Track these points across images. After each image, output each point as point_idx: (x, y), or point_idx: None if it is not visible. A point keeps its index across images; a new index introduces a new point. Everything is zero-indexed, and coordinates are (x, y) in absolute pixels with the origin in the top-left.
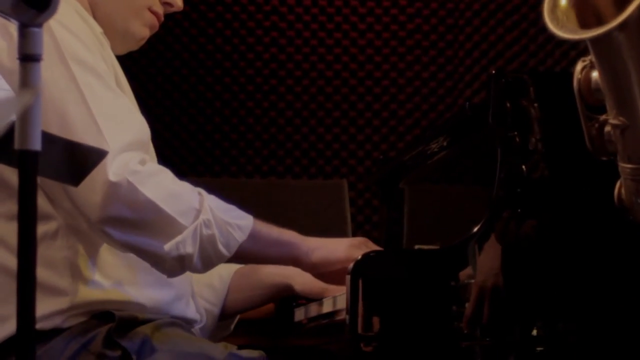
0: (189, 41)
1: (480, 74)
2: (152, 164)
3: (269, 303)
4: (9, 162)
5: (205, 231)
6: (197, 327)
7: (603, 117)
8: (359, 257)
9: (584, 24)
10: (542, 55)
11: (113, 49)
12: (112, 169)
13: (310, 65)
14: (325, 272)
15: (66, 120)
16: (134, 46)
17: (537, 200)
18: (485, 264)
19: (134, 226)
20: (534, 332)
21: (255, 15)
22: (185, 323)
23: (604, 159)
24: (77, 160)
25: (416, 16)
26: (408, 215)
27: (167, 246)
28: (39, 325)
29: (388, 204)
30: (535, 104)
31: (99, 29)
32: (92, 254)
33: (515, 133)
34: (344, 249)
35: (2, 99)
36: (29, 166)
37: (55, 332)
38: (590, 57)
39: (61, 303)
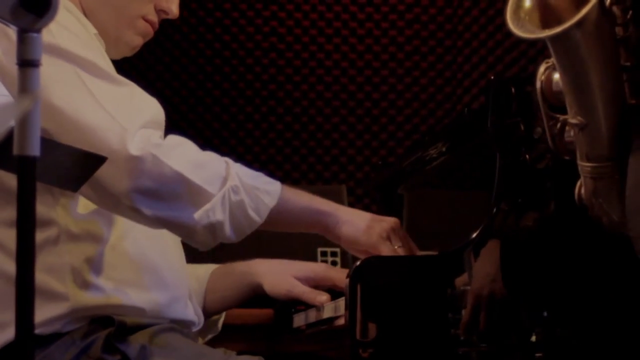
0: (188, 46)
1: (479, 80)
2: (174, 136)
3: (243, 302)
4: (8, 168)
5: (234, 197)
6: (195, 330)
7: (562, 117)
8: (358, 262)
9: (546, 25)
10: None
11: (107, 53)
12: (134, 145)
13: (309, 70)
14: (345, 246)
15: (76, 115)
16: (127, 53)
17: (540, 191)
18: (481, 270)
19: (162, 198)
20: (533, 338)
21: (255, 20)
22: (183, 326)
23: (567, 158)
24: (76, 165)
25: (415, 22)
26: (407, 221)
27: (197, 215)
28: (38, 330)
29: (387, 209)
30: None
31: (93, 30)
32: (96, 257)
33: (519, 119)
34: (373, 235)
35: (0, 105)
36: (27, 171)
37: (54, 336)
38: (553, 59)
39: (61, 308)
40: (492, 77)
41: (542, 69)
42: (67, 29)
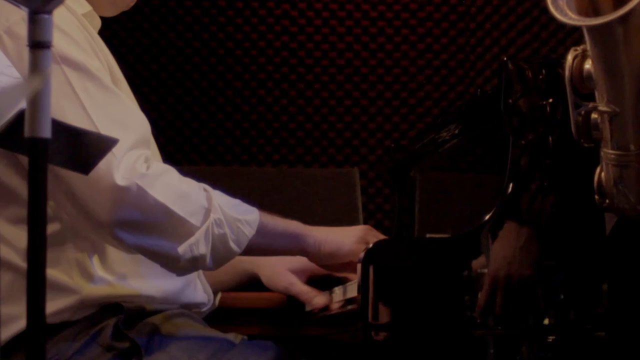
0: (200, 30)
1: (492, 62)
2: (157, 163)
3: (238, 287)
4: (19, 150)
5: (217, 230)
6: (205, 309)
7: (591, 104)
8: (370, 244)
9: (583, 12)
10: (554, 43)
11: (103, 11)
12: (120, 173)
13: (322, 53)
14: (328, 263)
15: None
16: (124, 6)
17: (563, 172)
18: (498, 253)
19: (145, 229)
20: (546, 321)
21: (267, 3)
22: (194, 308)
23: (586, 145)
24: (86, 148)
25: (427, 4)
26: (419, 204)
27: (181, 249)
28: (48, 320)
29: (399, 192)
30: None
31: (80, 10)
32: (97, 252)
33: (550, 101)
34: (351, 243)
35: (12, 85)
36: (39, 154)
37: (63, 325)
38: (583, 47)
39: (70, 300)
40: (505, 59)
41: (570, 56)
42: (59, 28)
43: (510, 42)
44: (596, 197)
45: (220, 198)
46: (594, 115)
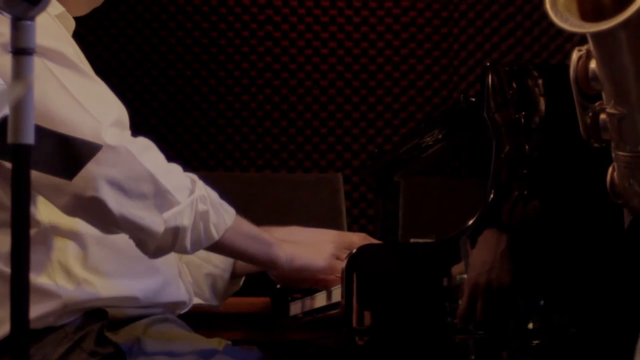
0: (184, 35)
1: (475, 67)
2: (144, 138)
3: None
4: (2, 156)
5: (201, 206)
6: (186, 309)
7: (597, 105)
8: (354, 250)
9: (584, 15)
10: (537, 48)
11: (76, 10)
12: (108, 136)
13: (305, 58)
14: (295, 278)
15: (49, 107)
16: (97, 2)
17: (541, 181)
18: (478, 259)
19: (129, 194)
20: (530, 326)
21: (250, 9)
22: (176, 307)
23: (596, 145)
24: (70, 153)
25: (410, 9)
26: (403, 209)
27: (166, 214)
28: (31, 325)
29: (383, 197)
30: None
31: (53, 12)
32: (83, 252)
33: (523, 114)
34: (325, 259)
35: None
36: (22, 160)
37: (47, 330)
38: (587, 47)
39: (54, 304)
40: (488, 64)
41: (575, 56)
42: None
43: (493, 47)
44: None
45: (203, 184)
46: (602, 116)
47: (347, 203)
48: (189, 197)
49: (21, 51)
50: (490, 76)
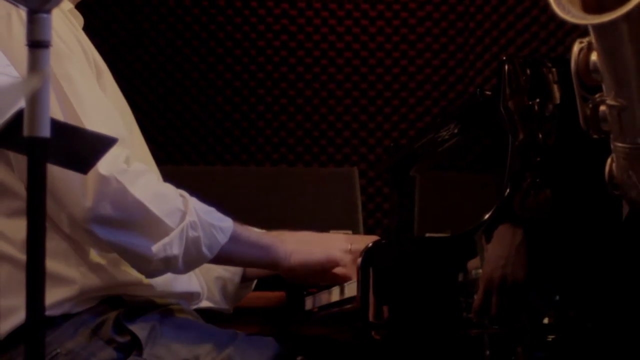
0: (199, 29)
1: (491, 61)
2: (137, 163)
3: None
4: (18, 149)
5: (191, 233)
6: (201, 303)
7: (598, 97)
8: (370, 243)
9: (587, 7)
10: (553, 42)
11: None
12: (101, 164)
13: (321, 52)
14: (298, 274)
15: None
16: None
17: (555, 171)
18: (494, 253)
19: (121, 226)
20: (545, 321)
21: (266, 2)
22: (191, 298)
23: (595, 137)
24: (86, 147)
25: (427, 3)
26: (419, 203)
27: (155, 247)
28: (48, 313)
29: (399, 191)
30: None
31: (67, 6)
32: None
33: (537, 101)
34: (322, 249)
35: (10, 84)
36: (38, 153)
37: (64, 317)
38: (588, 39)
39: (70, 291)
40: (504, 58)
41: (576, 48)
42: None
43: (509, 42)
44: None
45: (196, 204)
46: (602, 108)
47: (363, 197)
48: (180, 225)
49: (37, 44)
50: (506, 70)
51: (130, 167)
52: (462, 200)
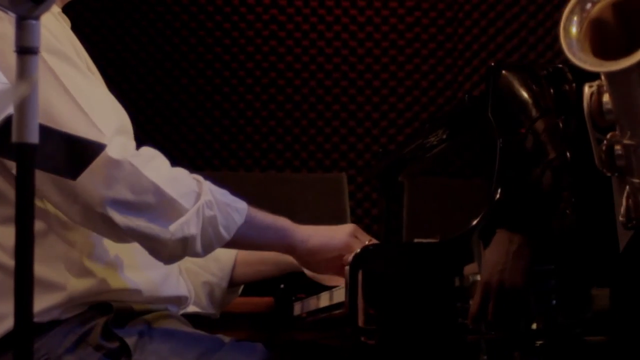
0: (188, 34)
1: (480, 67)
2: (148, 148)
3: (277, 276)
4: (7, 156)
5: (207, 212)
6: (188, 307)
7: (610, 136)
8: (358, 249)
9: (595, 52)
10: (542, 48)
11: None
12: (112, 149)
13: (310, 58)
14: (316, 260)
15: (52, 112)
16: None
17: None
18: (490, 260)
19: (137, 209)
20: (534, 326)
21: (255, 8)
22: (179, 302)
23: (608, 174)
24: (75, 153)
25: (415, 9)
26: (407, 209)
27: (172, 227)
28: (36, 319)
29: (387, 197)
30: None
31: (56, 9)
32: (87, 243)
33: (562, 118)
34: (342, 236)
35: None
36: (26, 159)
37: (53, 324)
38: (598, 82)
39: (58, 297)
40: (493, 64)
41: (587, 91)
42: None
43: (498, 47)
44: (621, 219)
45: (210, 186)
46: (617, 147)
47: (351, 203)
48: (195, 204)
49: (26, 50)
50: (494, 76)
51: (142, 151)
52: (450, 206)
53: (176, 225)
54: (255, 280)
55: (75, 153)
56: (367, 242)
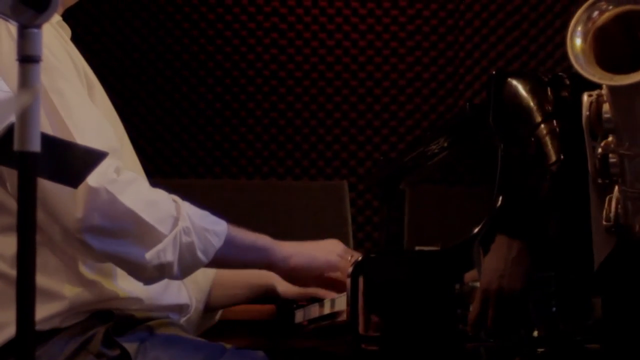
0: (189, 42)
1: (481, 75)
2: (127, 172)
3: (252, 302)
4: (8, 163)
5: (184, 238)
6: (187, 315)
7: (604, 144)
8: (359, 258)
9: (600, 63)
10: (543, 56)
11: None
12: (91, 176)
13: (311, 66)
14: (299, 277)
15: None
16: None
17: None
18: (489, 266)
19: (113, 235)
20: (535, 333)
21: (256, 16)
22: (180, 310)
23: (600, 181)
24: (76, 161)
25: (416, 17)
26: (409, 216)
27: (149, 255)
28: (37, 327)
29: (388, 205)
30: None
31: (55, 18)
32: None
33: (560, 124)
34: (324, 257)
35: (1, 99)
36: (28, 167)
37: (53, 332)
38: (597, 92)
39: (59, 306)
40: (494, 72)
41: (586, 100)
42: None
43: (499, 55)
44: (604, 223)
45: (189, 208)
46: (612, 156)
47: (353, 210)
48: (173, 231)
49: (27, 59)
50: (495, 84)
51: (120, 176)
52: (451, 213)
53: (152, 253)
54: (230, 304)
55: (77, 161)
56: (349, 258)
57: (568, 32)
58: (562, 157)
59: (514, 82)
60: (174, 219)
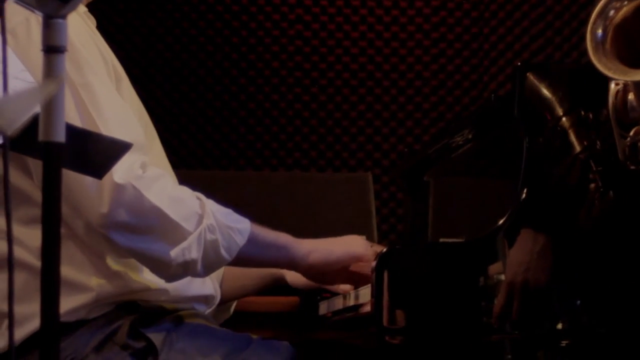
0: (214, 34)
1: (506, 67)
2: (153, 168)
3: (263, 291)
4: (33, 154)
5: (209, 236)
6: (214, 306)
7: (633, 133)
8: (383, 250)
9: (621, 58)
10: (567, 47)
11: None
12: (118, 172)
13: (336, 58)
14: (320, 273)
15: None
16: None
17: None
18: (515, 258)
19: (139, 231)
20: (559, 326)
21: (281, 8)
22: (205, 301)
23: (632, 167)
24: (101, 152)
25: (441, 8)
26: (433, 208)
27: (173, 252)
28: (63, 319)
29: (413, 196)
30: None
31: (82, 9)
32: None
33: (593, 112)
34: (341, 248)
35: (26, 90)
36: (53, 158)
37: (79, 323)
38: (624, 81)
39: (86, 298)
40: (519, 64)
41: (613, 88)
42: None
43: (524, 47)
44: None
45: (213, 206)
46: None
47: (377, 202)
48: (198, 228)
49: (52, 49)
50: (520, 76)
51: (146, 172)
52: (476, 206)
53: (177, 250)
54: (241, 296)
55: (101, 151)
56: (370, 248)
57: (588, 25)
58: (592, 144)
59: (539, 74)
60: (199, 216)
